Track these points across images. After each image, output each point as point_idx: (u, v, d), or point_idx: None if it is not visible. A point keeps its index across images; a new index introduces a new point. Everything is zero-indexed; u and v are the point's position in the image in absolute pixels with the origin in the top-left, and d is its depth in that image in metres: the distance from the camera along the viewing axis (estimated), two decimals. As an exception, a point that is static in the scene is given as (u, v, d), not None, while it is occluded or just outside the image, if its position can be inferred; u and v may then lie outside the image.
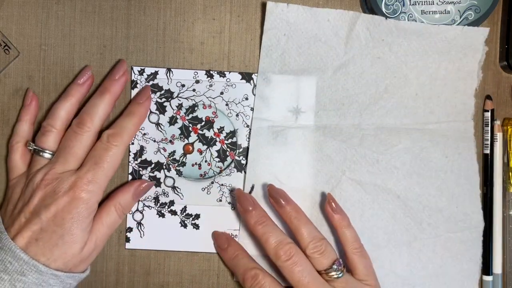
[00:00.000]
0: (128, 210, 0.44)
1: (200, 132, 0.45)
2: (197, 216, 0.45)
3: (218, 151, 0.45)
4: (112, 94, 0.42)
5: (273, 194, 0.42)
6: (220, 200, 0.45)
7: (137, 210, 0.45)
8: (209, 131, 0.45)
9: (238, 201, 0.43)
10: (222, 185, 0.45)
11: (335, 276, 0.39)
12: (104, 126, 0.43)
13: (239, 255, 0.43)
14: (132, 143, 0.45)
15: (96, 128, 0.41)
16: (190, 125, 0.45)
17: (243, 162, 0.45)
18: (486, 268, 0.45)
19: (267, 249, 0.40)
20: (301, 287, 0.39)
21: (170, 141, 0.45)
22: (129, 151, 0.45)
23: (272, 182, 0.44)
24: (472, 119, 0.45)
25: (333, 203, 0.42)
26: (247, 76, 0.45)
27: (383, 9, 0.43)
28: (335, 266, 0.40)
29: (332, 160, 0.45)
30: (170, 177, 0.45)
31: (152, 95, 0.45)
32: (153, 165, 0.45)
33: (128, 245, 0.45)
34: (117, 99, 0.43)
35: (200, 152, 0.45)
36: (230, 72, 0.45)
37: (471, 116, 0.45)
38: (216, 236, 0.45)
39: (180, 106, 0.45)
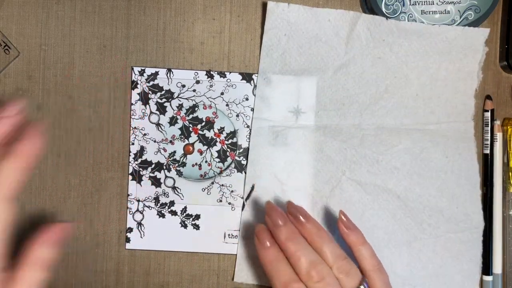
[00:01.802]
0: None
1: (200, 132, 0.45)
2: (197, 217, 0.45)
3: (218, 151, 0.45)
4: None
5: (292, 211, 0.40)
6: (221, 201, 0.45)
7: (137, 210, 0.45)
8: (209, 131, 0.45)
9: (268, 215, 0.40)
10: (222, 185, 0.45)
11: None
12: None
13: (284, 259, 0.39)
14: (133, 143, 0.45)
15: None
16: (191, 125, 0.45)
17: (244, 162, 0.45)
18: (486, 268, 0.45)
19: (298, 267, 0.38)
20: None
21: (171, 142, 0.45)
22: (130, 152, 0.45)
23: (272, 182, 0.44)
24: (473, 120, 0.45)
25: (345, 220, 0.40)
26: (247, 77, 0.45)
27: (383, 9, 0.43)
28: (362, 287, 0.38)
29: (332, 160, 0.45)
30: (171, 177, 0.45)
31: (153, 96, 0.45)
32: (153, 166, 0.45)
33: (128, 246, 0.45)
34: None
35: (201, 152, 0.45)
36: (230, 72, 0.45)
37: (471, 117, 0.45)
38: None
39: (180, 107, 0.45)
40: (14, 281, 0.33)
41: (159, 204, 0.45)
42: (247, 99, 0.45)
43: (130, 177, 0.45)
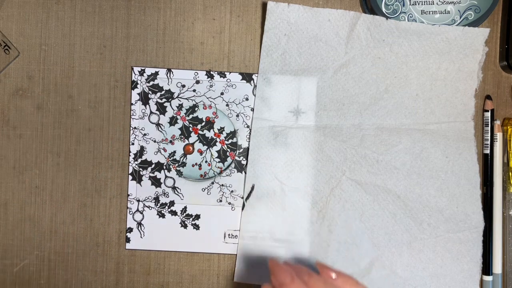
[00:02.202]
0: None
1: (200, 132, 0.45)
2: (197, 217, 0.45)
3: (218, 151, 0.45)
4: None
5: (298, 273, 0.36)
6: (220, 201, 0.45)
7: (137, 210, 0.45)
8: (209, 131, 0.45)
9: (273, 274, 0.36)
10: (222, 185, 0.45)
11: None
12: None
13: None
14: (132, 144, 0.45)
15: None
16: (191, 125, 0.45)
17: (244, 162, 0.45)
18: (486, 268, 0.45)
19: None
20: None
21: (171, 142, 0.45)
22: (130, 152, 0.45)
23: (272, 182, 0.44)
24: (473, 120, 0.45)
25: (327, 269, 0.36)
26: (247, 77, 0.45)
27: (383, 9, 0.43)
28: None
29: (332, 160, 0.45)
30: (171, 177, 0.45)
31: (153, 96, 0.45)
32: (153, 166, 0.45)
33: (128, 245, 0.45)
34: None
35: (201, 152, 0.45)
36: (230, 72, 0.45)
37: (471, 117, 0.45)
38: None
39: (180, 107, 0.45)
40: None
41: (159, 204, 0.45)
42: (247, 99, 0.45)
43: (130, 177, 0.45)
